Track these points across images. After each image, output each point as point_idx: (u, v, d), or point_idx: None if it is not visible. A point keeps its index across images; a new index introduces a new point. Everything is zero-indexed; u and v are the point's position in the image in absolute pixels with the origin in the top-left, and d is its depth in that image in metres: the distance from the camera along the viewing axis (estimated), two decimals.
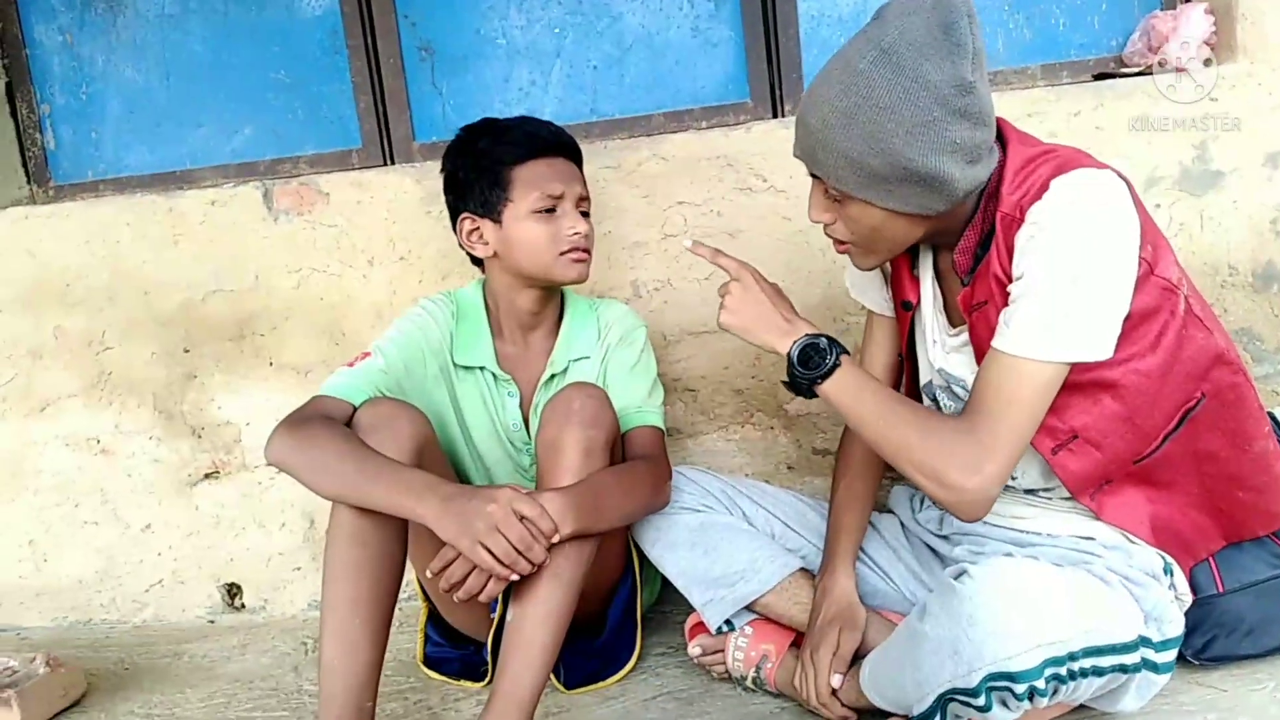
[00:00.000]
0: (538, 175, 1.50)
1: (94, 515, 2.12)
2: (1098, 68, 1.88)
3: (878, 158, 1.12)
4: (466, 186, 1.53)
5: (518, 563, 1.23)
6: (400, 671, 1.70)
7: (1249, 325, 1.78)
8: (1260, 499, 1.30)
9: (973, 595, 1.08)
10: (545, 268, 1.51)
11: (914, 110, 1.09)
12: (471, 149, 1.53)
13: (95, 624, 2.14)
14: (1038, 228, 1.13)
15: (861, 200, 1.18)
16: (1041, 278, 1.11)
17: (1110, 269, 1.12)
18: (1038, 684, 1.06)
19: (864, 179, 1.15)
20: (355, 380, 1.44)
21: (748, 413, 1.93)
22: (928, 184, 1.13)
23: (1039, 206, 1.13)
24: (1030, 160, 1.17)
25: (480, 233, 1.54)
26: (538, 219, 1.49)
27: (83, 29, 2.18)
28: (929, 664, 1.11)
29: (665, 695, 1.53)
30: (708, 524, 1.48)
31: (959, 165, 1.13)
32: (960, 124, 1.10)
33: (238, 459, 2.05)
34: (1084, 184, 1.12)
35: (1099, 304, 1.12)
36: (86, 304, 2.06)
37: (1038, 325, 1.11)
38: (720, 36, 1.99)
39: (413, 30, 2.07)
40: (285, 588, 2.07)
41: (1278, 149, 1.72)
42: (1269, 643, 1.37)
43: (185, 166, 2.18)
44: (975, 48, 1.10)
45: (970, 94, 1.10)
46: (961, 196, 1.16)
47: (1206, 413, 1.23)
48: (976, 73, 1.10)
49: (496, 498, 1.24)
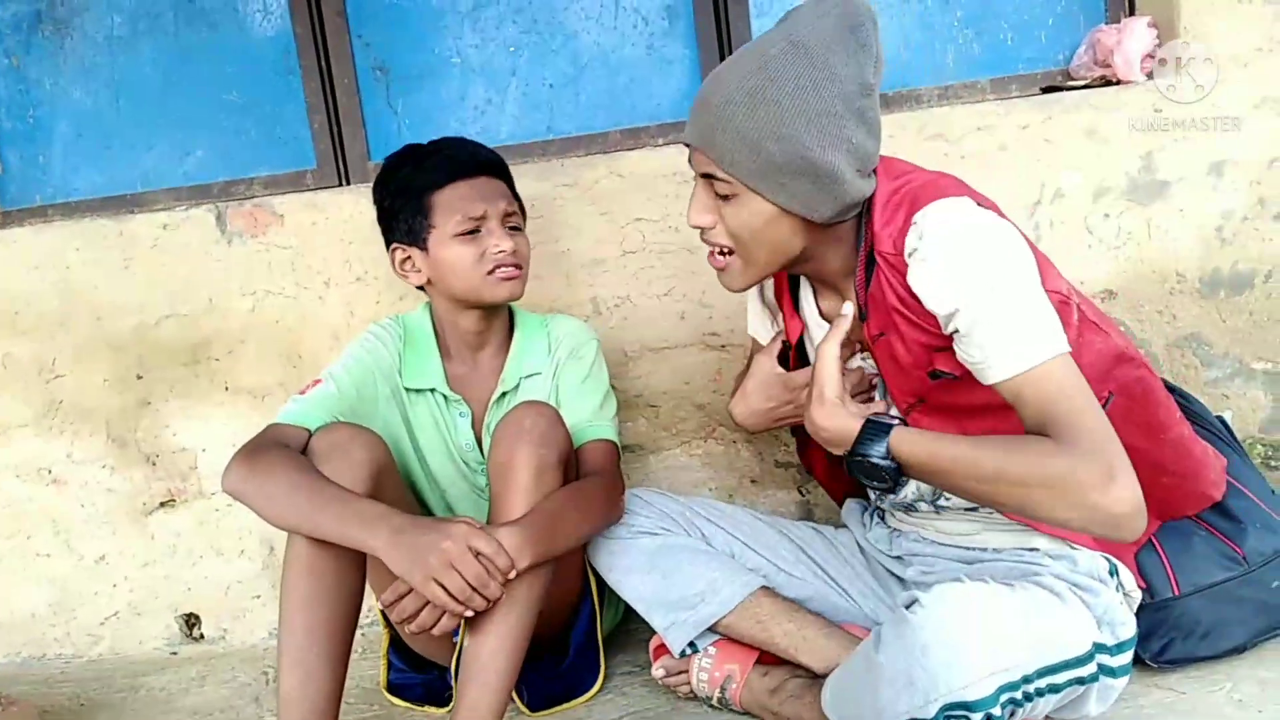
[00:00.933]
0: (458, 198, 1.49)
1: (46, 547, 2.07)
2: (1045, 81, 1.91)
3: (777, 143, 1.13)
4: (393, 216, 1.53)
5: (472, 599, 1.23)
6: (363, 699, 1.68)
7: (1197, 331, 1.81)
8: (1184, 482, 1.33)
9: (924, 624, 1.08)
10: (475, 289, 1.51)
11: (817, 100, 1.11)
12: (394, 178, 1.54)
13: (49, 659, 2.09)
14: (929, 270, 1.13)
15: (750, 190, 1.17)
16: (971, 304, 1.11)
17: (1016, 264, 1.13)
18: (994, 711, 1.06)
19: (759, 165, 1.15)
20: (309, 407, 1.42)
21: (710, 427, 1.93)
22: (819, 180, 1.14)
23: (916, 250, 1.14)
24: (895, 192, 1.20)
25: (411, 261, 1.54)
26: (461, 241, 1.49)
27: (29, 51, 2.15)
28: (885, 695, 1.10)
29: (631, 715, 1.52)
30: (666, 546, 1.48)
31: (850, 168, 1.15)
32: (857, 125, 1.14)
33: (194, 486, 2.02)
34: (946, 215, 1.15)
35: (1032, 295, 1.13)
36: (36, 330, 2.02)
37: (1006, 337, 1.10)
38: (675, 54, 2.00)
39: (367, 50, 2.06)
40: (245, 616, 2.03)
41: (1222, 158, 1.76)
42: (1225, 644, 1.39)
43: (136, 189, 2.14)
44: (878, 54, 1.14)
45: (869, 97, 1.14)
46: (846, 204, 1.17)
47: (1117, 410, 1.23)
48: (876, 79, 1.15)
49: (451, 533, 1.22)
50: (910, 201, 1.17)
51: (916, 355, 1.22)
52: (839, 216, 1.20)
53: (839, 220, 1.21)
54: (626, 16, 2.00)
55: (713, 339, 1.89)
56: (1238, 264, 1.79)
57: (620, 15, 2.00)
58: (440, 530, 1.23)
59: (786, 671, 1.41)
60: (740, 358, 1.88)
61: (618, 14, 2.00)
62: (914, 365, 1.23)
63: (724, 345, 1.89)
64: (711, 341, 1.89)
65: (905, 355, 1.23)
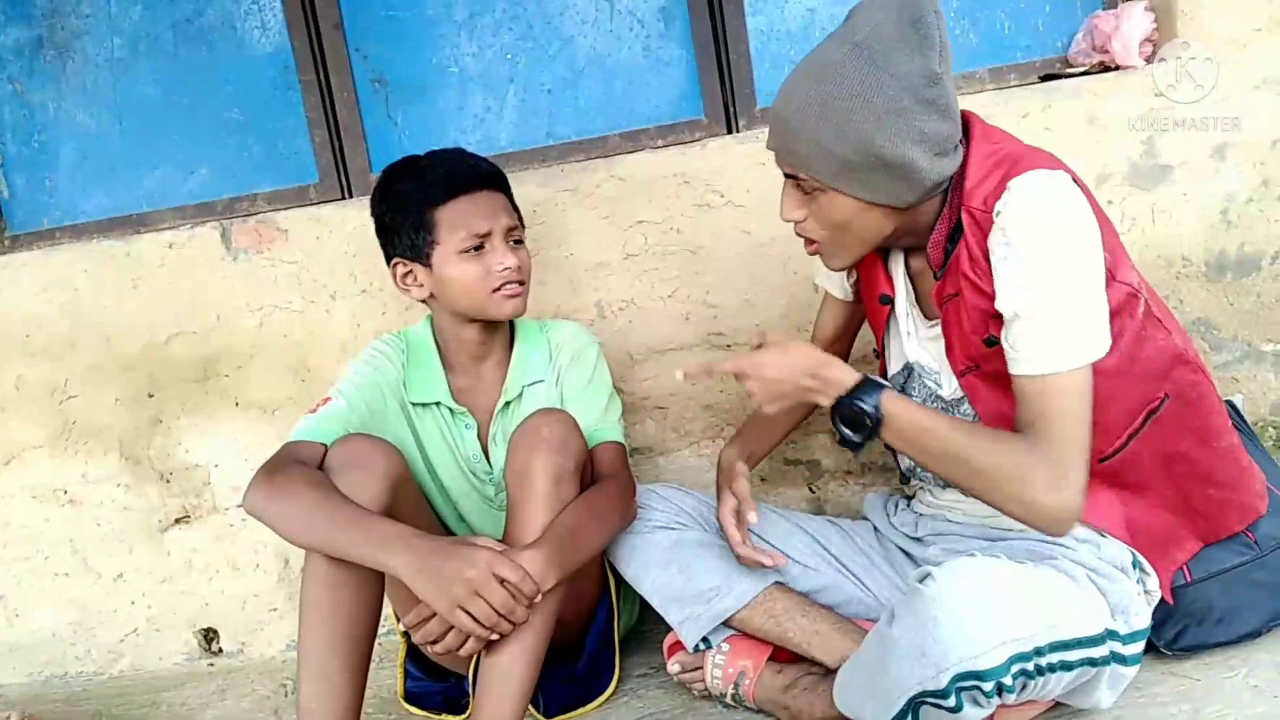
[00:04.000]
0: (462, 214, 1.48)
1: (64, 567, 2.09)
2: (1044, 69, 1.90)
3: (849, 145, 1.15)
4: (393, 231, 1.52)
5: (499, 625, 1.24)
6: (381, 708, 1.69)
7: (1205, 315, 1.80)
8: (1233, 494, 1.31)
9: (936, 596, 1.09)
10: (479, 306, 1.51)
11: (884, 99, 1.13)
12: (393, 193, 1.52)
13: (70, 677, 2.11)
14: (1007, 241, 1.15)
15: (833, 190, 1.20)
16: (1032, 294, 1.13)
17: (1087, 266, 1.14)
18: (1005, 680, 1.07)
19: (836, 167, 1.18)
20: (322, 423, 1.43)
21: (718, 427, 1.93)
22: (897, 172, 1.16)
23: (1003, 215, 1.15)
24: (990, 155, 1.20)
25: (414, 276, 1.53)
26: (466, 258, 1.48)
27: (32, 76, 2.16)
28: (898, 668, 1.12)
29: (648, 717, 1.52)
30: (681, 541, 1.48)
31: (926, 155, 1.16)
32: (928, 114, 1.14)
33: (208, 502, 2.03)
34: (1039, 189, 1.15)
35: (1090, 302, 1.14)
36: (47, 353, 2.04)
37: (1050, 341, 1.13)
38: (672, 55, 2.00)
39: (365, 62, 2.07)
40: (262, 630, 2.04)
41: (1224, 141, 1.75)
42: (1239, 629, 1.38)
43: (142, 210, 2.16)
44: (942, 42, 1.14)
45: (937, 85, 1.14)
46: (929, 187, 1.19)
47: (1171, 413, 1.24)
48: (943, 66, 1.15)
49: (475, 561, 1.22)
50: (1010, 164, 1.18)
51: (974, 321, 1.23)
52: (926, 197, 1.21)
53: (931, 197, 1.22)
54: (622, 20, 2.00)
55: (718, 339, 1.89)
56: (1244, 246, 1.78)
57: (616, 19, 2.00)
58: (464, 557, 1.23)
59: (800, 668, 1.42)
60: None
61: (613, 17, 2.00)
62: (972, 330, 1.24)
63: (729, 345, 1.89)
64: (717, 341, 1.89)
65: (966, 320, 1.24)
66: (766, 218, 1.82)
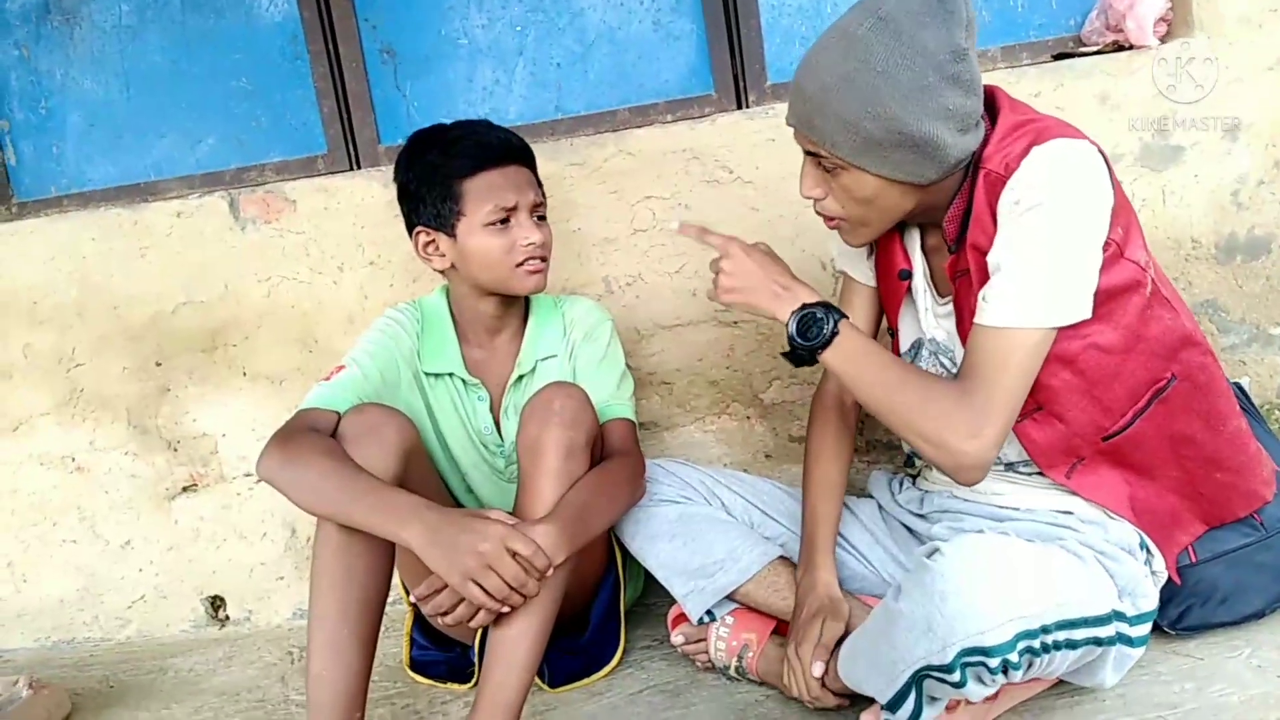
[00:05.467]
0: (490, 186, 1.47)
1: (72, 534, 2.10)
2: (1057, 48, 1.89)
3: (874, 121, 1.14)
4: (418, 200, 1.51)
5: (511, 598, 1.24)
6: (387, 677, 1.70)
7: (1214, 297, 1.80)
8: (1239, 479, 1.31)
9: (944, 571, 1.09)
10: (502, 280, 1.50)
11: (910, 75, 1.12)
12: (421, 161, 1.51)
13: (78, 643, 2.13)
14: (1016, 199, 1.15)
15: (856, 168, 1.19)
16: (1019, 249, 1.14)
17: (1083, 236, 1.14)
18: (1011, 657, 1.07)
19: (859, 144, 1.16)
20: (336, 391, 1.43)
21: (724, 403, 1.94)
22: (921, 149, 1.15)
23: (1018, 176, 1.15)
24: (1016, 127, 1.19)
25: (436, 245, 1.53)
26: (492, 231, 1.48)
27: (39, 42, 2.15)
28: (903, 642, 1.12)
29: (651, 689, 1.53)
30: (687, 515, 1.49)
31: (951, 132, 1.15)
32: (953, 90, 1.13)
33: (215, 471, 2.04)
34: (1060, 153, 1.14)
35: (1074, 270, 1.14)
36: (55, 321, 2.04)
37: (1018, 295, 1.14)
38: (682, 30, 1.99)
39: (374, 33, 2.05)
40: (269, 598, 2.06)
41: (1235, 122, 1.74)
42: (1244, 609, 1.39)
43: (149, 178, 2.16)
44: (968, 16, 1.14)
45: (963, 61, 1.13)
46: (952, 164, 1.18)
47: (1178, 394, 1.24)
48: (969, 40, 1.14)
49: (488, 535, 1.23)
50: (1037, 134, 1.17)
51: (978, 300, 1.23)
52: (948, 174, 1.21)
53: (953, 172, 1.22)
54: None
55: (725, 315, 1.89)
56: (1254, 229, 1.78)
57: None
58: (476, 530, 1.23)
59: None
60: (754, 333, 1.89)
61: None
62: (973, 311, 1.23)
63: (736, 322, 1.89)
64: (724, 318, 1.89)
65: (975, 296, 1.23)
66: (775, 194, 1.82)
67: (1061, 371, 1.20)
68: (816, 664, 1.32)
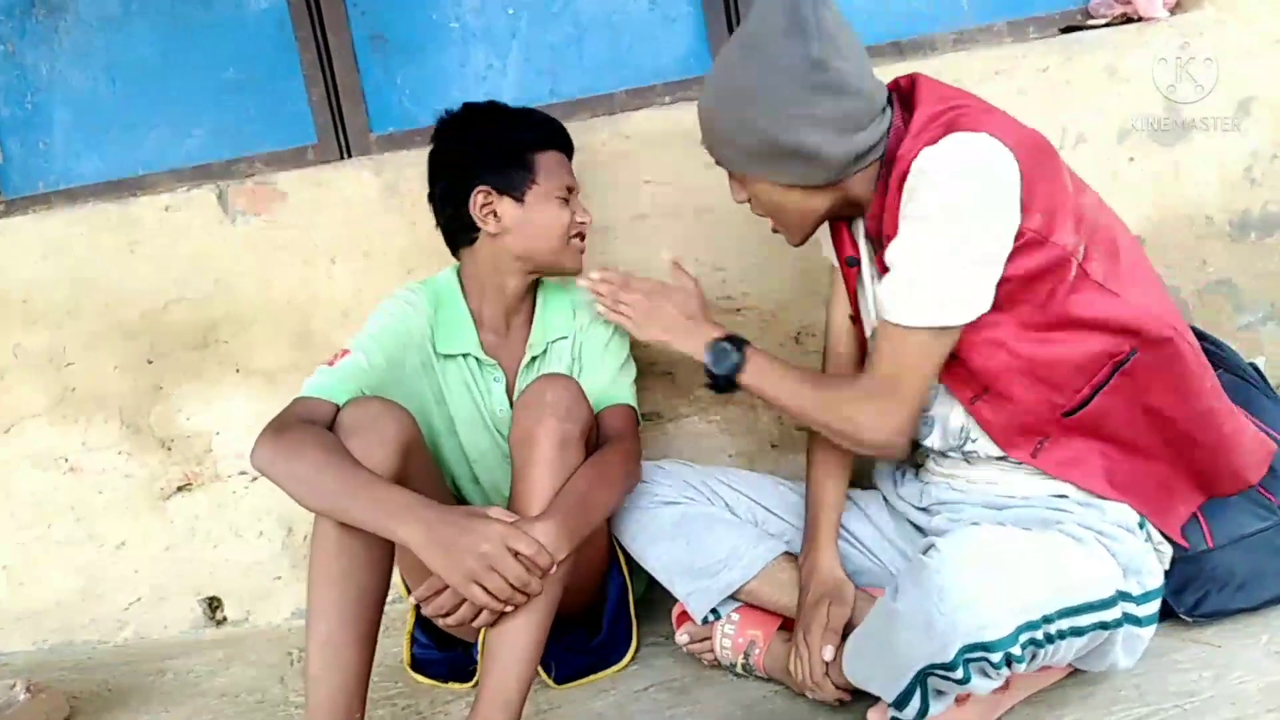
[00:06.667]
0: (558, 164, 1.55)
1: (68, 535, 2.07)
2: (1064, 21, 1.84)
3: (748, 136, 1.22)
4: (483, 162, 1.51)
5: (514, 598, 1.22)
6: (388, 676, 1.67)
7: (1228, 275, 1.76)
8: (1216, 459, 1.28)
9: (941, 568, 1.08)
10: (555, 252, 1.54)
11: (769, 90, 1.19)
12: (490, 127, 1.54)
13: (77, 645, 2.10)
14: (909, 199, 1.17)
15: (753, 177, 1.28)
16: (907, 249, 1.18)
17: (972, 236, 1.14)
18: (1013, 651, 1.06)
19: (745, 157, 1.26)
20: (337, 379, 1.38)
21: (725, 394, 1.90)
22: (801, 156, 1.21)
23: (910, 176, 1.17)
24: (931, 119, 1.19)
25: (493, 208, 1.51)
26: (559, 204, 1.53)
27: (24, 37, 2.12)
28: (904, 642, 1.10)
29: (657, 686, 1.51)
30: (688, 515, 1.47)
31: (827, 136, 1.19)
32: (821, 98, 1.18)
33: (209, 469, 2.01)
34: (950, 153, 1.15)
35: (960, 271, 1.15)
36: (45, 319, 2.02)
37: (905, 294, 1.18)
38: (679, 10, 1.94)
39: (363, 19, 2.01)
40: (267, 597, 2.03)
41: (1248, 96, 1.70)
42: (1262, 595, 1.37)
43: (138, 172, 2.12)
44: (821, 28, 1.17)
45: (822, 69, 1.17)
46: (842, 164, 1.22)
47: (1142, 366, 1.20)
48: (826, 49, 1.17)
49: (489, 535, 1.20)
50: (949, 125, 1.17)
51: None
52: (844, 173, 1.23)
53: (854, 171, 1.24)
54: None
55: (727, 302, 1.85)
56: (1268, 205, 1.73)
57: None
58: (476, 530, 1.21)
59: None
60: (756, 321, 1.85)
61: None
62: None
63: (739, 309, 1.85)
64: (726, 305, 1.85)
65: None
66: None
67: (998, 354, 1.20)
68: (827, 648, 1.31)
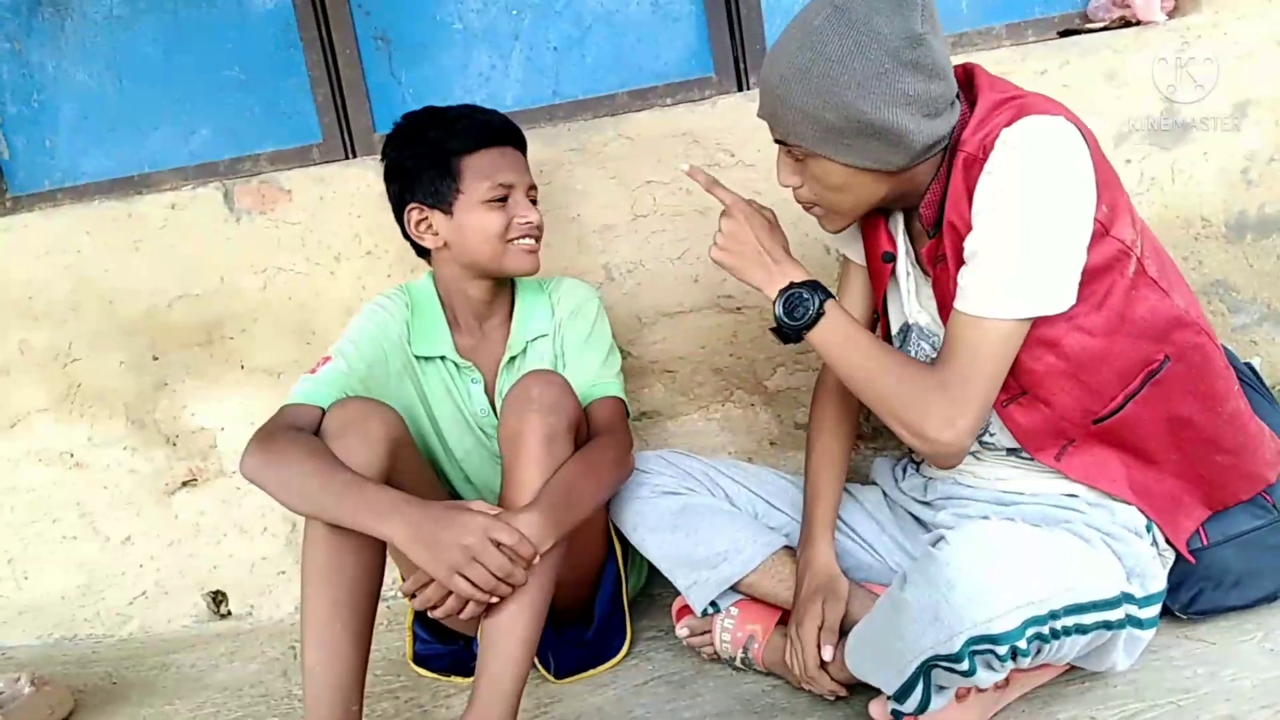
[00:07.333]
0: (489, 164, 1.48)
1: (72, 530, 2.09)
2: (1062, 24, 1.86)
3: (833, 111, 1.14)
4: (414, 176, 1.50)
5: (499, 589, 1.23)
6: (390, 670, 1.69)
7: (1224, 276, 1.77)
8: (1239, 460, 1.29)
9: (951, 560, 1.08)
10: (496, 258, 1.50)
11: (865, 63, 1.11)
12: (419, 138, 1.50)
13: (80, 639, 2.11)
14: (992, 183, 1.13)
15: (822, 157, 1.19)
16: (994, 236, 1.13)
17: (1062, 220, 1.12)
18: (1019, 644, 1.06)
19: (821, 134, 1.16)
20: (320, 385, 1.41)
21: (727, 391, 1.91)
22: (883, 137, 1.14)
23: (993, 155, 1.14)
24: (995, 107, 1.17)
25: (429, 223, 1.52)
26: (489, 208, 1.48)
27: (30, 35, 2.13)
28: (910, 631, 1.11)
29: (656, 680, 1.52)
30: (689, 506, 1.47)
31: (913, 118, 1.14)
32: (912, 76, 1.12)
33: (214, 465, 2.02)
34: (1032, 134, 1.12)
35: (1052, 257, 1.12)
36: (51, 316, 2.03)
37: (993, 284, 1.13)
38: (681, 11, 1.95)
39: (368, 19, 2.03)
40: (270, 592, 2.05)
41: (1245, 98, 1.71)
42: (1255, 593, 1.37)
43: (143, 170, 2.13)
44: (924, 2, 1.12)
45: (920, 46, 1.11)
46: (919, 150, 1.17)
47: (1173, 376, 1.22)
48: (927, 25, 1.12)
49: (471, 527, 1.22)
50: (1015, 111, 1.15)
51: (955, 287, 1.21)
52: (918, 160, 1.19)
53: (926, 159, 1.20)
54: None
55: (728, 301, 1.86)
56: (1264, 206, 1.75)
57: None
58: (458, 523, 1.22)
59: None
60: (757, 320, 1.86)
61: None
62: (953, 296, 1.22)
63: (739, 308, 1.86)
64: (726, 304, 1.87)
65: (953, 282, 1.21)
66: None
67: (1045, 355, 1.18)
68: (827, 648, 1.30)
